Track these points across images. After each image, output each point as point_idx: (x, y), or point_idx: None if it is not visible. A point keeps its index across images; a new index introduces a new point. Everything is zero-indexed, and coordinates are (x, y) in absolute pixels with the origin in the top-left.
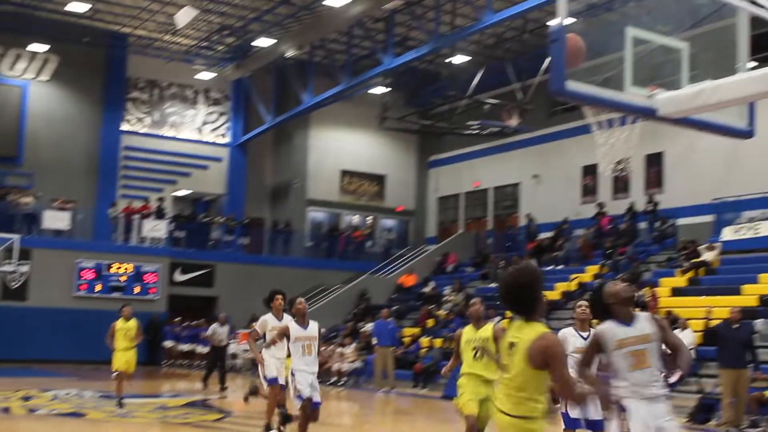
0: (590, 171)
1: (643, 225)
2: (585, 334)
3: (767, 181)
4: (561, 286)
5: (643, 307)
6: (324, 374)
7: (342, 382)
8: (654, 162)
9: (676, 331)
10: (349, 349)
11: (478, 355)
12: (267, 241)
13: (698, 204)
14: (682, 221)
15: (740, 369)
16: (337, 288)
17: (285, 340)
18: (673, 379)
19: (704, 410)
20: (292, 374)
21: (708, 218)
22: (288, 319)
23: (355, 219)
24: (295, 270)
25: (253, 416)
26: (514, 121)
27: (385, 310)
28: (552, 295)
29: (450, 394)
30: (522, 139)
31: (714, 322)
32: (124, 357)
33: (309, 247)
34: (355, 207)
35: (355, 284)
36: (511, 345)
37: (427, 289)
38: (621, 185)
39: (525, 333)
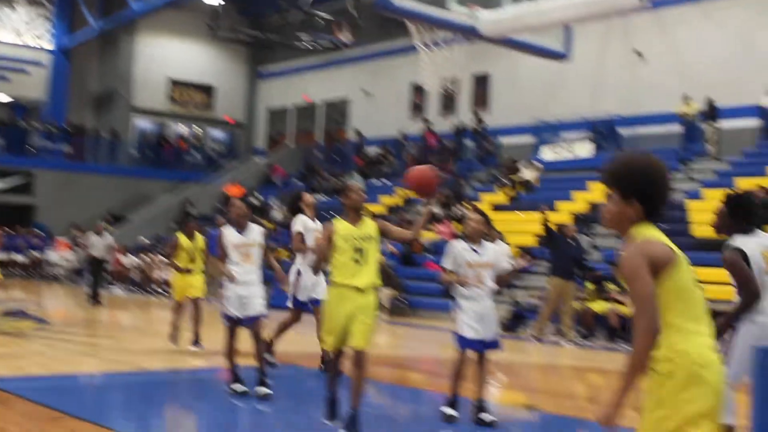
0: (419, 89)
1: (469, 143)
2: (478, 248)
3: (585, 105)
4: (387, 200)
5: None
6: (147, 283)
7: (166, 293)
8: (480, 82)
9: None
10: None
11: (360, 258)
12: (90, 149)
13: (521, 125)
14: (505, 140)
15: (568, 281)
16: (161, 198)
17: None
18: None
19: (517, 319)
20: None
21: (530, 138)
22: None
23: (183, 129)
24: (119, 179)
25: (72, 324)
26: (345, 37)
27: (220, 219)
28: (377, 208)
29: (276, 305)
30: (353, 56)
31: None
32: None
33: (135, 156)
34: (184, 117)
35: (179, 194)
36: None
37: (253, 201)
38: (448, 103)
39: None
